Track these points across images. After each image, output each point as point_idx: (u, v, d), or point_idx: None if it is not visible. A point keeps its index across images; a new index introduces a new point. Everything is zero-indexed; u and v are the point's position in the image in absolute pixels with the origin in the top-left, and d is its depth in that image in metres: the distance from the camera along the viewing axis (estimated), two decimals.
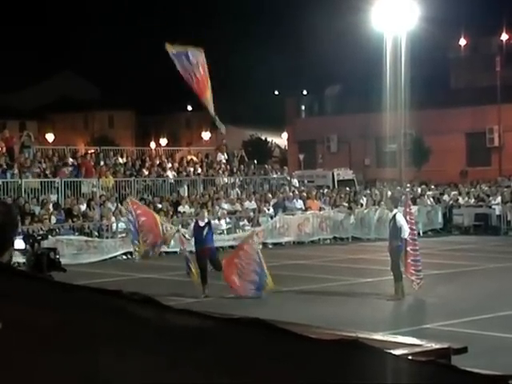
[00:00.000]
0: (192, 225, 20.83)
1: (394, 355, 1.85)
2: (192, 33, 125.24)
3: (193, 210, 32.34)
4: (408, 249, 19.00)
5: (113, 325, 1.70)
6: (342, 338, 1.79)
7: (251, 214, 34.01)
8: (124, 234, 29.93)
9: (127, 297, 1.72)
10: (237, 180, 37.96)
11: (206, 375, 1.68)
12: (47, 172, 33.02)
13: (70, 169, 33.65)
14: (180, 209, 32.75)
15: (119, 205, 31.46)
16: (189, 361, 1.69)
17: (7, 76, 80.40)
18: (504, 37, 63.59)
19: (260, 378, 1.69)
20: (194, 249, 20.28)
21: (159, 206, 32.27)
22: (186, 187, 35.66)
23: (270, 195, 36.23)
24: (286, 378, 1.70)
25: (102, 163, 35.48)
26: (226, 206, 33.79)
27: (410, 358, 2.03)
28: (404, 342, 4.45)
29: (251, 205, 34.76)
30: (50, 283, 1.79)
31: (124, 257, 29.08)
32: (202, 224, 19.99)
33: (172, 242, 30.12)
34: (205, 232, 19.75)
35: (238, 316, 1.79)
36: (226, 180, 37.54)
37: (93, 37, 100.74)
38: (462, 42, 68.24)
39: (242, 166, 39.41)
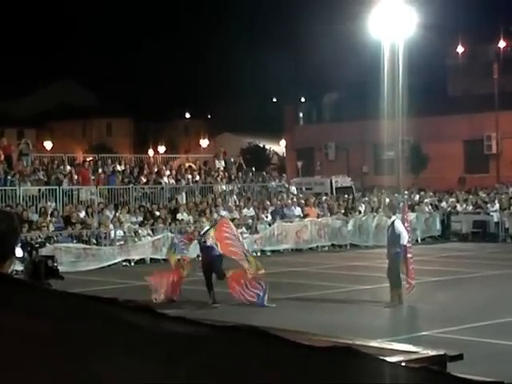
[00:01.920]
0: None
1: (387, 362, 1.87)
2: (190, 41, 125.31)
3: (191, 217, 32.36)
4: (409, 255, 19.11)
5: (107, 332, 1.72)
6: (335, 345, 1.81)
7: (249, 221, 34.01)
8: (122, 242, 29.95)
9: (122, 304, 1.74)
10: (235, 187, 37.97)
11: (200, 382, 1.70)
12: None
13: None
14: (178, 216, 32.74)
15: (117, 213, 31.48)
16: (183, 367, 1.71)
17: (5, 84, 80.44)
18: (501, 44, 63.71)
19: None
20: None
21: (157, 213, 32.29)
22: (184, 194, 35.65)
23: (268, 202, 36.23)
24: None
25: (100, 171, 35.48)
26: (224, 213, 33.77)
27: (402, 364, 2.05)
28: (400, 349, 4.47)
29: (249, 212, 34.76)
30: (44, 291, 1.81)
31: (123, 264, 29.09)
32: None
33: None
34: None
35: (233, 323, 1.80)
36: (224, 187, 37.55)
37: (90, 44, 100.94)
38: (460, 49, 68.35)
39: (240, 174, 39.43)
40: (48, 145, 74.47)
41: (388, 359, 2.05)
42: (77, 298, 1.79)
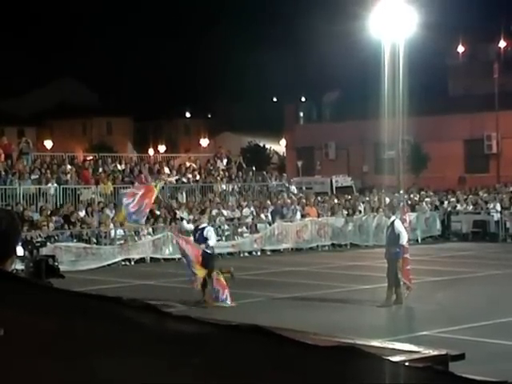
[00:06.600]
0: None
1: (391, 361, 1.87)
2: (191, 40, 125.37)
3: (191, 216, 32.34)
4: (407, 256, 19.08)
5: (111, 331, 1.72)
6: (339, 344, 1.81)
7: (249, 220, 34.00)
8: (122, 241, 29.94)
9: (126, 303, 1.74)
10: (235, 187, 37.96)
11: (204, 381, 1.70)
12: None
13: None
14: (178, 215, 32.74)
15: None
16: (187, 366, 1.71)
17: (5, 82, 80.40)
18: (502, 44, 63.70)
19: None
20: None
21: (157, 212, 32.28)
22: (184, 194, 35.65)
23: (268, 202, 36.22)
24: None
25: (100, 170, 35.47)
26: (224, 212, 33.79)
27: (406, 364, 2.05)
28: (402, 349, 4.45)
29: (249, 211, 34.75)
30: (49, 289, 1.81)
31: (122, 263, 29.09)
32: (199, 227, 20.26)
33: (170, 248, 30.23)
34: (197, 235, 19.94)
35: (237, 323, 1.80)
36: (224, 187, 37.54)
37: (91, 43, 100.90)
38: (460, 48, 68.33)
39: (240, 173, 39.41)
40: (48, 144, 74.41)
41: (390, 359, 2.05)
42: (81, 296, 1.79)
